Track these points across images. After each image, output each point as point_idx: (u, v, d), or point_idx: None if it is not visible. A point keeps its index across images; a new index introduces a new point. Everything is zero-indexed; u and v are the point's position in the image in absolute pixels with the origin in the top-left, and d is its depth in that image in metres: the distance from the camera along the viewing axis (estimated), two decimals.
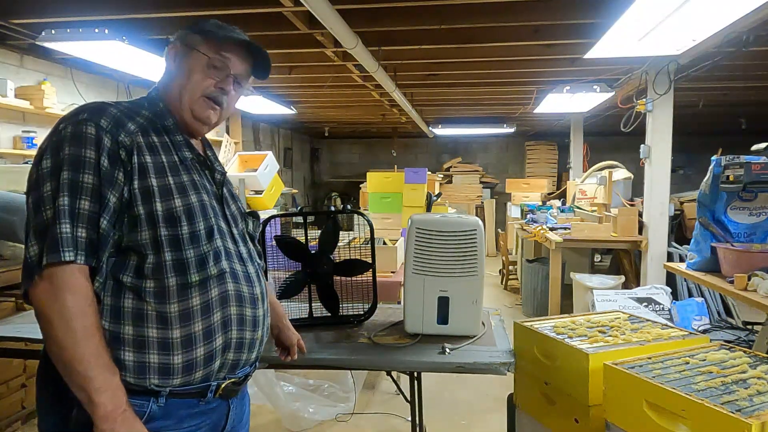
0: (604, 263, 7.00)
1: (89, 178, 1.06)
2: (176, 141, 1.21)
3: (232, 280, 1.19)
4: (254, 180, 4.37)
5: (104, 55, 3.66)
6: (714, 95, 6.24)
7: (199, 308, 1.12)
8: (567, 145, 8.56)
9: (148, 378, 1.09)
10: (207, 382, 1.16)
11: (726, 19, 2.71)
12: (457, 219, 1.95)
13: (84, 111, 1.12)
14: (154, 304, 1.09)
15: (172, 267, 1.11)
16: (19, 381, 3.14)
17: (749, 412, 1.18)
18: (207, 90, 1.22)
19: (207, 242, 1.15)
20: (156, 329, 1.09)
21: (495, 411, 3.33)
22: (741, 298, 2.61)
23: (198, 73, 1.21)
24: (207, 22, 1.24)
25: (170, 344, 1.10)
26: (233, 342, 1.18)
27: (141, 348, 1.09)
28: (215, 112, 1.25)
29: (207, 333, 1.13)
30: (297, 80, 5.43)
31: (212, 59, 1.21)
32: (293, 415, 3.08)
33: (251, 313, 1.22)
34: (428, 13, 3.44)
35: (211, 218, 1.18)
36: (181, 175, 1.17)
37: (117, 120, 1.12)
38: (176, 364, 1.10)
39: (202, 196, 1.18)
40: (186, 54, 1.23)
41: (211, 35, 1.22)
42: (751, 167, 2.80)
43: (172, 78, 1.25)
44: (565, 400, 1.64)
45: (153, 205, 1.10)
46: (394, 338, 1.96)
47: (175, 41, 1.26)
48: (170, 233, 1.11)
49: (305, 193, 11.41)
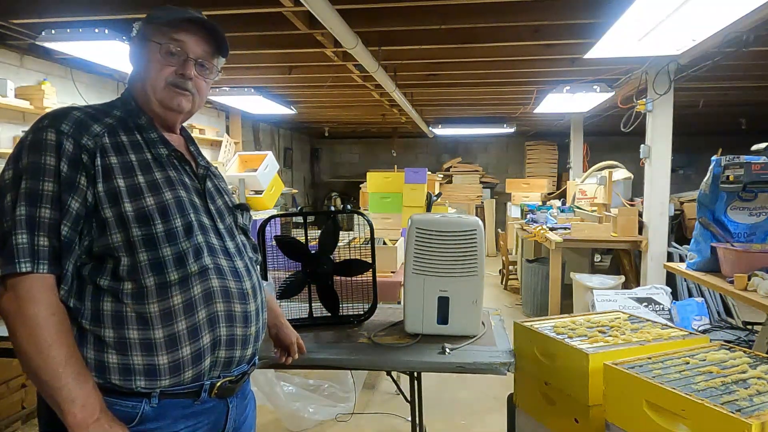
0: (604, 263, 7.00)
1: (48, 185, 1.04)
2: (150, 138, 1.19)
3: (217, 275, 1.16)
4: (254, 180, 4.37)
5: (104, 55, 3.66)
6: (714, 95, 6.24)
7: (181, 306, 1.10)
8: (567, 145, 8.56)
9: (134, 380, 1.08)
10: (199, 382, 1.14)
11: (726, 19, 2.71)
12: (457, 219, 1.95)
13: (46, 117, 1.11)
14: (133, 305, 1.08)
15: (148, 267, 1.09)
16: (19, 381, 3.14)
17: (749, 412, 1.18)
18: (168, 78, 1.19)
19: (185, 239, 1.13)
20: (137, 330, 1.08)
21: (495, 411, 3.33)
22: (741, 298, 2.61)
23: (155, 63, 1.19)
24: (157, 9, 1.21)
25: (153, 345, 1.08)
26: (223, 339, 1.16)
27: (123, 350, 1.07)
28: (186, 98, 1.22)
29: (192, 331, 1.11)
30: (297, 80, 5.43)
31: (164, 46, 1.18)
32: (293, 415, 3.08)
33: (241, 308, 1.19)
34: (428, 13, 3.44)
35: (189, 214, 1.15)
36: (154, 172, 1.15)
37: (80, 123, 1.10)
38: (162, 365, 1.09)
39: (178, 192, 1.16)
40: (142, 47, 1.21)
41: (159, 21, 1.18)
42: (751, 167, 2.80)
43: (135, 73, 1.23)
44: (565, 400, 1.64)
45: (121, 206, 1.09)
46: (394, 338, 1.96)
47: (132, 37, 1.24)
48: (143, 233, 1.09)
49: (305, 193, 11.41)
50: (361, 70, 4.58)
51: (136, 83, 1.22)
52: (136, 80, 1.22)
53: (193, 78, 1.21)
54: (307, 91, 6.16)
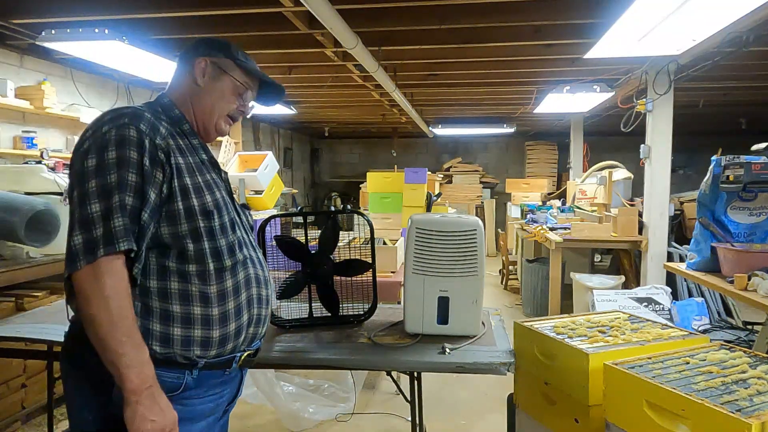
0: (604, 263, 7.00)
1: (133, 177, 1.18)
2: (194, 144, 1.35)
3: (252, 264, 1.36)
4: (254, 180, 4.37)
5: (104, 55, 3.66)
6: (714, 95, 6.24)
7: (231, 289, 1.29)
8: (567, 145, 8.56)
9: (192, 350, 1.25)
10: (233, 354, 1.33)
11: (726, 19, 2.71)
12: (457, 219, 1.95)
13: (125, 116, 1.22)
14: (198, 285, 1.25)
15: (210, 253, 1.26)
16: (19, 381, 3.14)
17: (749, 412, 1.18)
18: (231, 111, 1.40)
19: (232, 232, 1.32)
20: (200, 307, 1.25)
21: (495, 411, 3.33)
22: (741, 298, 2.61)
23: (228, 96, 1.39)
24: (235, 50, 1.40)
25: (210, 320, 1.26)
26: (254, 318, 1.36)
27: (188, 323, 1.24)
28: (229, 127, 1.45)
29: (237, 310, 1.30)
30: (297, 80, 5.43)
31: (240, 87, 1.39)
32: (293, 415, 3.08)
33: (265, 293, 1.40)
34: (428, 13, 3.44)
35: (231, 212, 1.34)
36: (205, 174, 1.32)
37: (152, 125, 1.24)
38: (214, 338, 1.27)
39: (222, 192, 1.34)
40: (218, 76, 1.37)
41: (241, 64, 1.39)
42: (751, 167, 2.80)
43: (200, 93, 1.37)
44: (565, 400, 1.64)
45: (190, 201, 1.25)
46: (394, 338, 1.96)
47: (205, 58, 1.37)
48: (206, 225, 1.26)
49: (305, 193, 11.41)
50: (361, 70, 4.58)
51: (191, 98, 1.37)
52: (197, 98, 1.37)
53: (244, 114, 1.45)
54: (307, 91, 6.16)
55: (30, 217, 2.81)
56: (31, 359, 3.07)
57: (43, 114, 4.26)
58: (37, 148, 4.15)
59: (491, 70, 4.86)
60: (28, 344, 2.24)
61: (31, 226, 2.84)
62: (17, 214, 2.78)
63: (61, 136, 4.69)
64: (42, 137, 4.36)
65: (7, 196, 2.90)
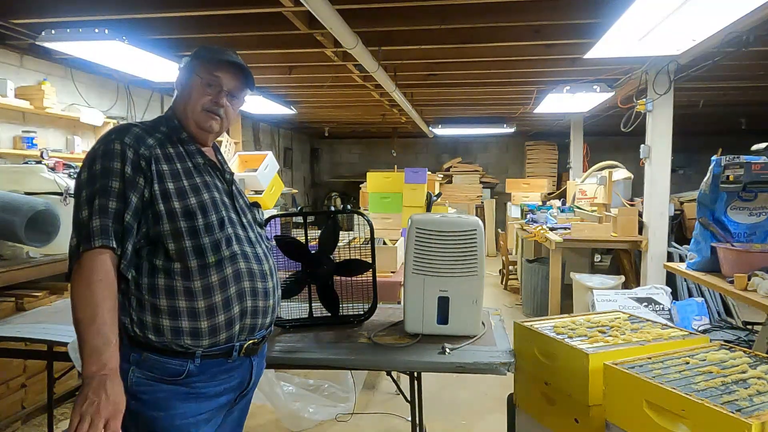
0: (604, 263, 7.00)
1: (116, 183, 1.32)
2: (190, 150, 1.47)
3: (243, 259, 1.43)
4: (254, 180, 4.36)
5: (104, 55, 3.66)
6: (714, 95, 6.24)
7: (217, 283, 1.38)
8: (567, 145, 8.56)
9: (183, 339, 1.35)
10: (231, 343, 1.41)
11: (726, 19, 2.71)
12: (457, 219, 1.95)
13: (113, 132, 1.39)
14: (182, 281, 1.35)
15: (192, 251, 1.36)
16: (19, 381, 3.14)
17: (749, 412, 1.18)
18: (205, 105, 1.47)
19: (219, 230, 1.41)
20: (184, 301, 1.35)
21: (495, 411, 3.33)
22: (741, 298, 2.61)
23: (196, 92, 1.47)
24: (202, 49, 1.51)
25: (197, 312, 1.36)
26: (249, 309, 1.43)
27: (174, 316, 1.35)
28: (216, 121, 1.50)
29: (225, 303, 1.39)
30: (297, 80, 5.43)
31: (205, 79, 1.46)
32: (293, 415, 3.08)
33: (262, 286, 1.46)
34: (428, 13, 3.44)
35: (222, 211, 1.43)
36: (195, 177, 1.43)
37: (138, 137, 1.38)
38: (203, 328, 1.36)
39: (213, 193, 1.44)
40: (187, 78, 1.49)
41: (204, 59, 1.48)
42: (751, 167, 2.80)
43: (179, 98, 1.51)
44: (565, 400, 1.64)
45: (171, 204, 1.36)
46: (394, 338, 1.96)
47: (180, 69, 1.52)
48: (188, 225, 1.37)
49: (305, 193, 11.41)
50: (361, 70, 4.58)
51: (179, 105, 1.50)
52: (180, 103, 1.50)
53: (224, 105, 1.49)
54: (307, 91, 6.16)
55: (30, 217, 2.81)
56: (31, 359, 3.07)
57: (43, 114, 4.26)
58: (37, 148, 4.15)
59: (491, 70, 4.86)
60: (28, 344, 2.25)
61: (31, 226, 2.84)
62: (17, 214, 2.79)
63: (61, 136, 4.69)
64: (42, 137, 4.36)
65: (7, 196, 2.90)
